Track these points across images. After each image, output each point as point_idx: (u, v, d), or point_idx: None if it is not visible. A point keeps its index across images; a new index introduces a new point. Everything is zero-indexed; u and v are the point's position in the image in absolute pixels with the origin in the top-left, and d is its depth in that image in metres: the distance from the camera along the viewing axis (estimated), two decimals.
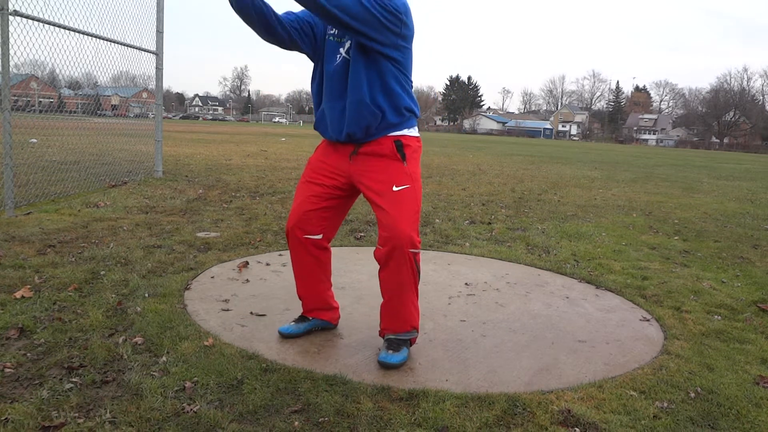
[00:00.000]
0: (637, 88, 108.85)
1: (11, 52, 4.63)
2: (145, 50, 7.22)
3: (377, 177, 2.22)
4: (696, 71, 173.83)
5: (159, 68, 7.59)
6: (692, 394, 2.15)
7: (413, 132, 2.32)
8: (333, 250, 2.60)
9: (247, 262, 3.64)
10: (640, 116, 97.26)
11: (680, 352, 2.57)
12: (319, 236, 2.39)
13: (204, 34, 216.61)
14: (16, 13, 4.67)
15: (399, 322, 2.33)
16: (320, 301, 2.55)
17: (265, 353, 2.32)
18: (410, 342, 2.39)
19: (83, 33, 5.75)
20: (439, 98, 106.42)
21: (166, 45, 7.68)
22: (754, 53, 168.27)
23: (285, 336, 2.50)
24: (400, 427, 1.82)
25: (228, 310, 2.81)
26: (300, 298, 2.55)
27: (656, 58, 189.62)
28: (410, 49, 2.23)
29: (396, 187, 2.19)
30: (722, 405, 2.09)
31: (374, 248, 2.26)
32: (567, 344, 2.62)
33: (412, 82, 2.31)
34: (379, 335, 2.42)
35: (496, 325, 2.81)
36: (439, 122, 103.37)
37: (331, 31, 2.22)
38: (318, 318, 2.58)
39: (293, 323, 2.56)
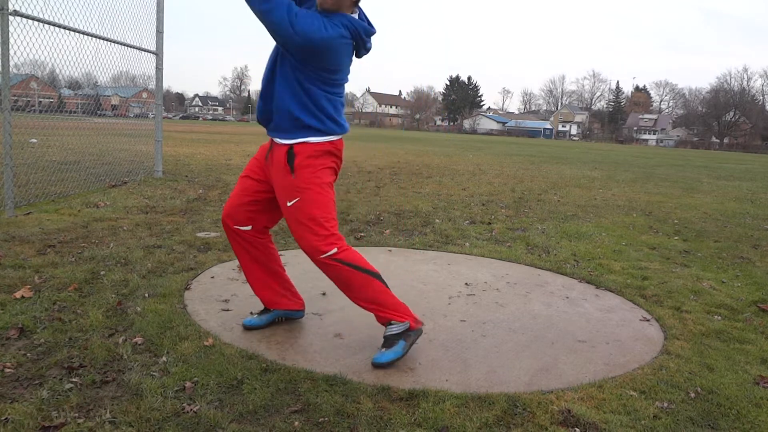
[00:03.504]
0: (637, 88, 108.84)
1: (11, 52, 4.63)
2: (145, 50, 7.22)
3: (278, 189, 2.32)
4: (696, 71, 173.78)
5: (159, 68, 7.59)
6: (692, 394, 2.15)
7: (312, 138, 2.26)
8: None
9: None
10: (640, 116, 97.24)
11: (680, 352, 2.57)
12: (248, 227, 2.47)
13: (204, 34, 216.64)
14: (16, 13, 4.67)
15: (375, 315, 2.35)
16: (272, 290, 2.60)
17: (265, 353, 2.32)
18: (408, 335, 2.33)
19: (83, 33, 5.75)
20: (439, 98, 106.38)
21: (166, 45, 7.68)
22: (754, 53, 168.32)
23: (248, 328, 2.59)
24: (400, 427, 1.82)
25: (228, 310, 2.81)
26: (255, 293, 2.62)
27: (656, 58, 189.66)
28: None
29: (288, 202, 2.28)
30: (722, 405, 2.09)
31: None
32: (567, 344, 2.62)
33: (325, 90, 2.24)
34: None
35: (496, 325, 2.81)
36: (439, 122, 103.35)
37: None
38: (279, 308, 2.64)
39: (256, 315, 2.65)
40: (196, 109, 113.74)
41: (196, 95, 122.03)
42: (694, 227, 6.10)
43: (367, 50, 2.34)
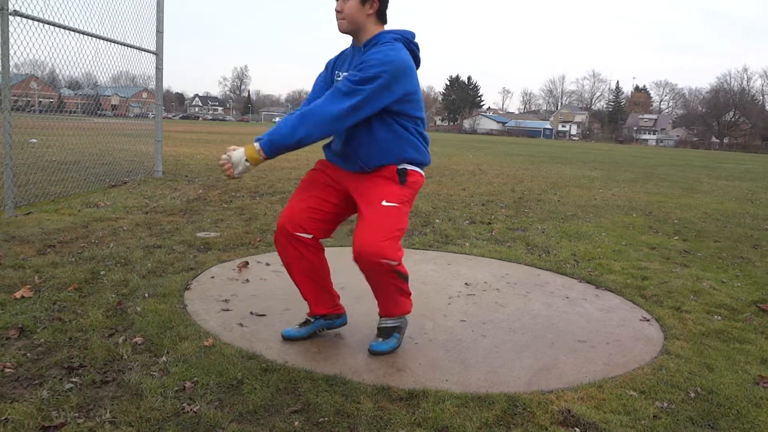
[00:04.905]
0: (637, 88, 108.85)
1: (11, 52, 4.63)
2: (145, 50, 7.22)
3: (373, 189, 2.27)
4: (696, 71, 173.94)
5: (159, 68, 7.59)
6: (692, 394, 2.15)
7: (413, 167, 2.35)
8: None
9: (247, 262, 3.64)
10: (640, 116, 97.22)
11: (680, 352, 2.57)
12: (310, 236, 2.35)
13: (204, 34, 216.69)
14: (16, 13, 4.67)
15: (389, 309, 2.41)
16: (324, 299, 2.53)
17: (265, 353, 2.32)
18: (401, 328, 2.48)
19: (83, 33, 5.75)
20: (439, 98, 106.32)
21: (166, 45, 7.69)
22: (754, 53, 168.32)
23: (287, 339, 2.49)
24: (400, 427, 1.82)
25: (228, 310, 2.81)
26: (307, 298, 2.51)
27: (656, 58, 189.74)
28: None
29: (386, 202, 2.23)
30: (722, 405, 2.09)
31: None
32: (567, 344, 2.62)
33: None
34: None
35: (496, 325, 2.81)
36: (439, 122, 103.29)
37: (338, 79, 2.33)
38: (321, 315, 2.54)
39: (296, 326, 2.55)
40: (196, 109, 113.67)
41: (196, 95, 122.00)
42: (694, 227, 6.10)
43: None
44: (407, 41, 2.25)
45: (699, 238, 5.46)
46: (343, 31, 2.23)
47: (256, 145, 2.13)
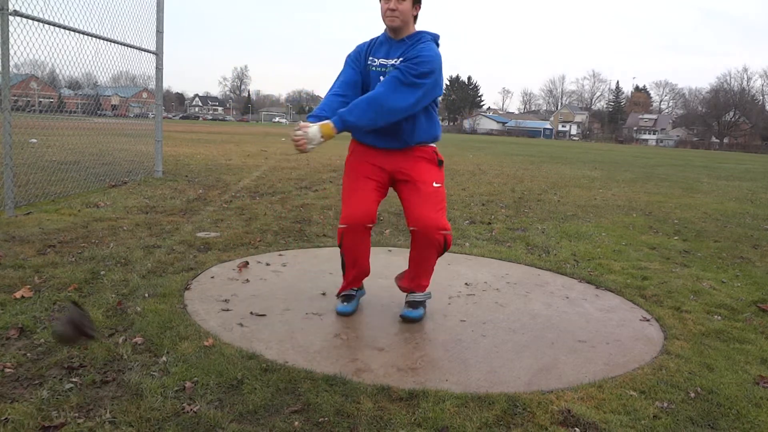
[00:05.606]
0: (637, 88, 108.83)
1: (11, 52, 4.63)
2: (145, 50, 7.22)
3: (423, 173, 2.66)
4: (696, 71, 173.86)
5: (159, 68, 7.59)
6: (692, 394, 2.15)
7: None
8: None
9: (247, 262, 3.64)
10: (640, 116, 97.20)
11: (680, 352, 2.57)
12: (374, 223, 2.71)
13: (204, 34, 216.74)
14: (16, 13, 4.67)
15: (421, 281, 2.78)
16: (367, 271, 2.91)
17: (265, 353, 2.32)
18: (425, 303, 2.86)
19: (83, 33, 5.75)
20: (439, 98, 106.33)
21: (166, 45, 7.68)
22: (754, 53, 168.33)
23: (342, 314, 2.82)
24: (400, 427, 1.82)
25: (228, 310, 2.81)
26: (354, 279, 2.85)
27: (656, 58, 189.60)
28: None
29: (436, 183, 2.68)
30: (722, 405, 2.09)
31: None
32: (567, 344, 2.62)
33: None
34: (403, 291, 2.89)
35: (496, 325, 2.81)
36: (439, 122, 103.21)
37: (373, 63, 2.62)
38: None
39: (346, 303, 2.86)
40: (196, 109, 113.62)
41: (196, 95, 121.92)
42: (694, 227, 6.10)
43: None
44: (436, 41, 2.64)
45: (699, 238, 5.46)
46: (395, 26, 2.53)
47: (330, 123, 2.41)
